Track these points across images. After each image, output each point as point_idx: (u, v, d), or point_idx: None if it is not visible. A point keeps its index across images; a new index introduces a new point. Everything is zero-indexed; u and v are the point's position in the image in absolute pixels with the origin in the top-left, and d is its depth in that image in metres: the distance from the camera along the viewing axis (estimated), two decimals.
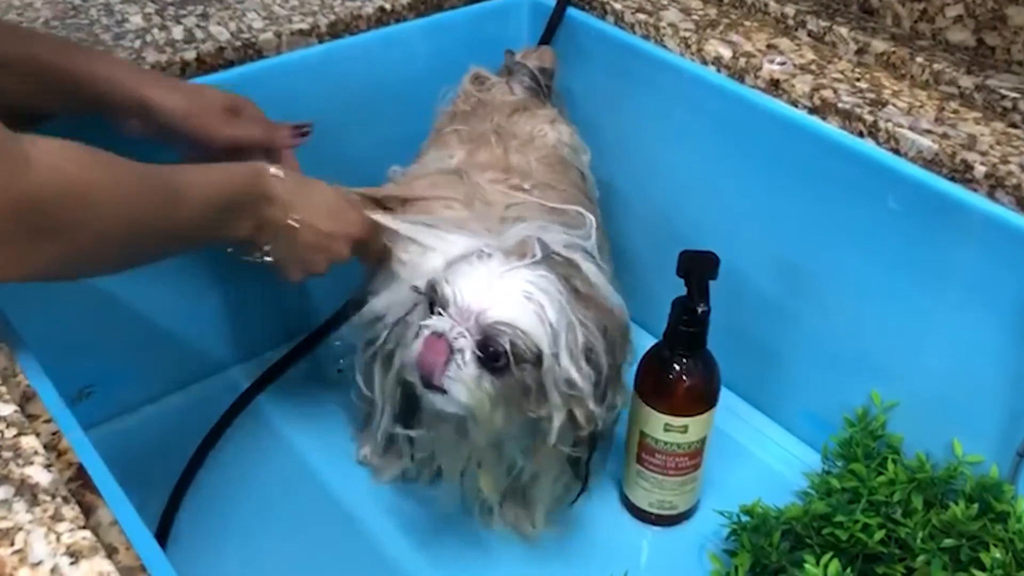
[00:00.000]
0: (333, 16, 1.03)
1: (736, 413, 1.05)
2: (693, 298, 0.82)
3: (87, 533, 0.48)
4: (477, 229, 0.83)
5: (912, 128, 0.86)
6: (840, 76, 0.94)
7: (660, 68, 1.02)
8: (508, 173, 0.91)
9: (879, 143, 0.87)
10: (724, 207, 1.01)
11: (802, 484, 0.93)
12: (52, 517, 0.49)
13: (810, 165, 0.92)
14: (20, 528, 0.48)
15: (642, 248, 1.10)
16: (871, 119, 0.87)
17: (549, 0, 1.12)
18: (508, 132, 0.97)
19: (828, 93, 0.90)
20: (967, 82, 0.89)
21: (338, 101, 1.03)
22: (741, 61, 0.96)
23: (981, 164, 0.81)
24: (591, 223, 0.86)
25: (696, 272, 0.82)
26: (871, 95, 0.90)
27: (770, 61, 0.95)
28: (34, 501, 0.50)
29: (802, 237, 0.95)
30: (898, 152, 0.86)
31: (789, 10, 1.01)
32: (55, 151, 0.60)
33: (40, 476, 0.51)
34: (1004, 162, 0.81)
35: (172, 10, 1.03)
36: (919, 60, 0.92)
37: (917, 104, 0.89)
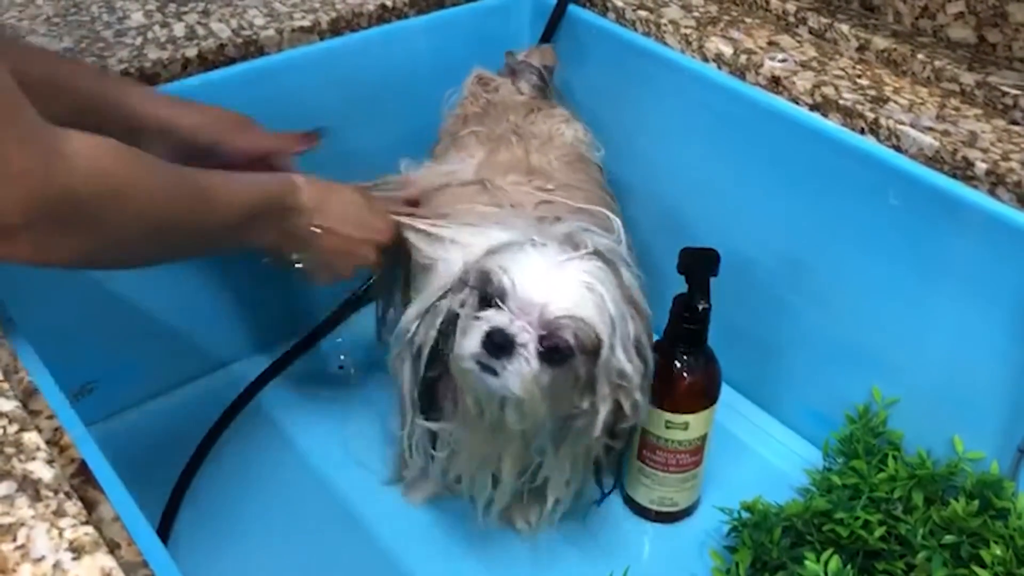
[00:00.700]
0: (335, 13, 1.03)
1: (737, 410, 1.05)
2: (694, 295, 0.82)
3: (89, 529, 0.48)
4: (517, 224, 0.82)
5: (913, 125, 0.86)
6: (841, 73, 0.94)
7: (661, 65, 1.02)
8: (531, 175, 0.91)
9: (880, 140, 0.87)
10: (725, 204, 1.01)
11: (803, 481, 0.94)
12: (54, 513, 0.49)
13: (811, 162, 0.92)
14: (22, 524, 0.48)
15: (642, 244, 1.10)
16: (872, 116, 0.87)
17: None
18: (527, 132, 0.96)
19: (829, 90, 0.90)
20: (968, 79, 0.89)
21: (339, 98, 1.03)
22: (742, 58, 0.96)
23: (982, 161, 0.81)
24: (619, 227, 0.86)
25: (697, 269, 0.82)
26: (872, 92, 0.90)
27: (771, 59, 0.95)
28: (36, 497, 0.50)
29: (803, 234, 0.95)
30: (899, 149, 0.86)
31: (790, 7, 1.01)
32: (91, 145, 0.60)
33: (42, 472, 0.51)
34: (1005, 159, 0.81)
35: (173, 7, 1.03)
36: (920, 57, 0.92)
37: (918, 101, 0.89)
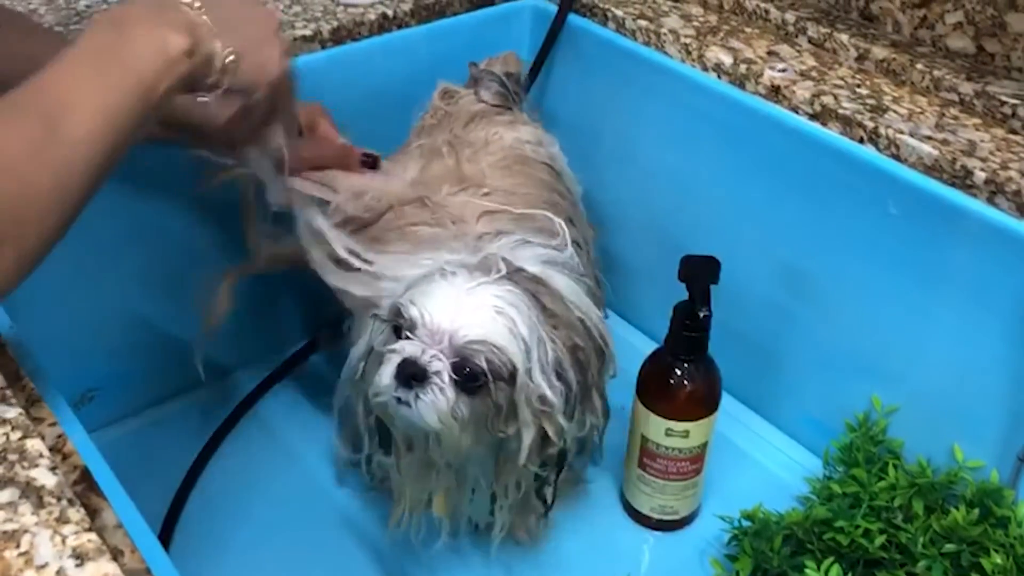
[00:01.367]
0: (336, 22, 1.03)
1: (737, 418, 1.06)
2: (695, 303, 0.83)
3: (92, 536, 0.48)
4: (455, 246, 0.82)
5: (912, 134, 0.86)
6: (841, 82, 0.94)
7: (661, 74, 1.02)
8: (463, 183, 0.90)
9: (879, 149, 0.87)
10: (725, 212, 1.01)
11: (803, 489, 0.94)
12: (57, 519, 0.49)
13: (811, 171, 0.92)
14: (26, 530, 0.48)
15: (643, 253, 1.11)
16: (872, 125, 0.87)
17: (551, 7, 1.12)
18: (463, 141, 0.95)
19: (829, 99, 0.91)
20: (967, 88, 0.90)
21: (341, 107, 1.03)
22: (742, 67, 0.96)
23: (981, 170, 0.81)
24: (564, 231, 0.84)
25: (697, 277, 0.82)
26: (871, 101, 0.91)
27: (771, 68, 0.95)
28: (39, 504, 0.50)
29: (803, 242, 0.95)
30: (898, 158, 0.86)
31: (790, 17, 1.01)
32: None
33: (45, 479, 0.51)
34: (1004, 168, 0.81)
35: None
36: (919, 66, 0.93)
37: (917, 110, 0.90)
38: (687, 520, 0.95)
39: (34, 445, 0.53)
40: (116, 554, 0.50)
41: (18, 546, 0.48)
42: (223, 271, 0.90)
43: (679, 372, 0.87)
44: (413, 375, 0.72)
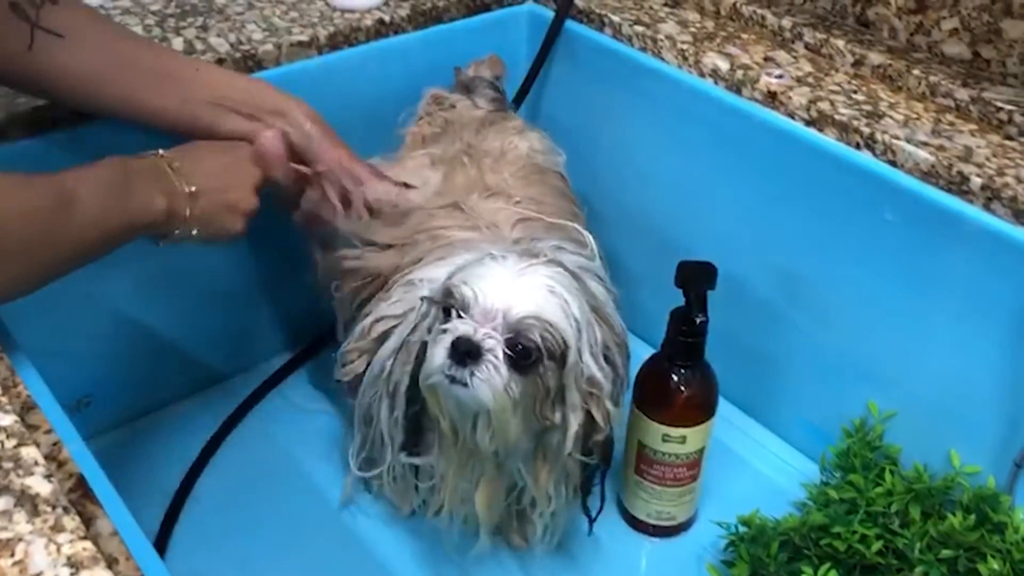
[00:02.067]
0: (332, 28, 1.03)
1: (734, 424, 1.06)
2: (691, 308, 0.83)
3: (87, 544, 0.48)
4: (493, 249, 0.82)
5: (909, 140, 0.86)
6: (837, 88, 0.94)
7: (658, 80, 1.02)
8: (489, 192, 0.91)
9: (876, 155, 0.87)
10: (722, 218, 1.02)
11: (800, 495, 0.94)
12: (52, 528, 0.49)
13: (807, 177, 0.93)
14: (20, 539, 0.48)
15: (640, 259, 1.11)
16: (868, 131, 0.88)
17: (548, 12, 1.12)
18: (480, 151, 0.96)
19: (825, 105, 0.91)
20: (963, 94, 0.90)
21: (337, 113, 1.03)
22: (738, 73, 0.96)
23: (977, 176, 0.81)
24: (592, 243, 0.86)
25: (694, 282, 0.83)
26: (868, 107, 0.91)
27: (768, 74, 0.95)
28: (34, 512, 0.50)
29: (799, 248, 0.96)
30: (895, 164, 0.86)
31: (786, 23, 1.02)
32: None
33: (40, 487, 0.51)
34: (1000, 174, 0.82)
35: (172, 22, 1.03)
36: (915, 72, 0.93)
37: (914, 116, 0.90)
38: (684, 526, 0.95)
39: (29, 453, 0.53)
40: (111, 562, 0.50)
41: (12, 555, 0.47)
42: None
43: (676, 378, 0.87)
44: (468, 352, 0.71)
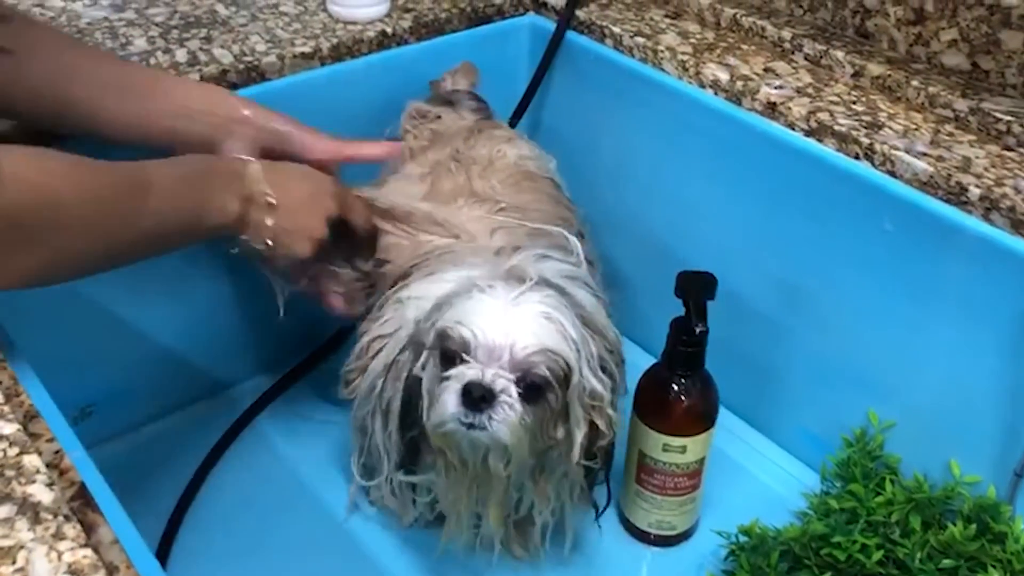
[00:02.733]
0: (335, 39, 1.04)
1: (734, 433, 1.06)
2: (691, 318, 0.83)
3: (88, 552, 0.49)
4: (476, 262, 0.83)
5: (908, 150, 0.86)
6: (836, 99, 0.94)
7: (658, 91, 1.03)
8: (474, 198, 0.91)
9: (875, 165, 0.88)
10: (722, 228, 1.02)
11: (800, 504, 0.94)
12: (54, 535, 0.49)
13: (806, 187, 0.93)
14: (22, 546, 0.49)
15: (640, 269, 1.11)
16: (867, 141, 0.88)
17: (549, 24, 1.13)
18: (468, 158, 0.96)
19: (824, 116, 0.91)
20: (962, 105, 0.90)
21: (340, 124, 1.03)
22: (738, 84, 0.97)
23: (976, 186, 0.82)
24: (578, 248, 0.86)
25: (694, 292, 0.83)
26: (867, 118, 0.91)
27: (768, 85, 0.96)
28: (36, 519, 0.50)
29: (799, 258, 0.96)
30: (894, 174, 0.86)
31: (786, 34, 1.02)
32: (20, 162, 0.61)
33: (42, 495, 0.51)
34: (999, 184, 0.82)
35: (176, 33, 1.04)
36: (914, 83, 0.93)
37: (913, 127, 0.90)
38: (685, 535, 0.95)
39: (31, 461, 0.54)
40: (112, 570, 0.50)
41: (14, 562, 0.48)
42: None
43: (676, 387, 0.87)
44: (482, 397, 0.71)
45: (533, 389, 0.72)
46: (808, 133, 0.92)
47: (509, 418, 0.71)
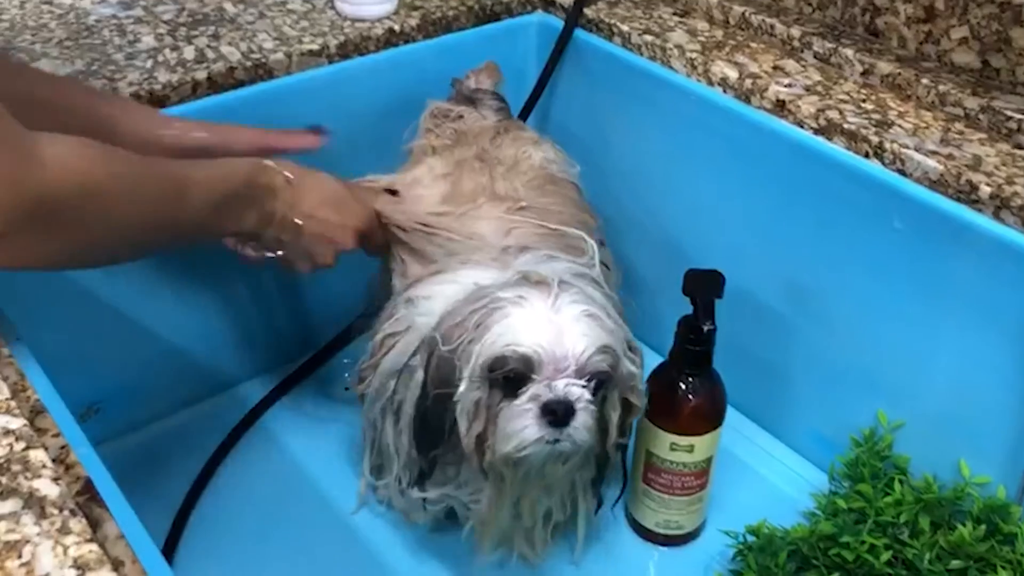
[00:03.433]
0: (343, 37, 1.04)
1: (742, 433, 1.05)
2: (699, 317, 0.82)
3: (94, 546, 0.49)
4: (480, 259, 0.83)
5: (918, 149, 0.86)
6: (846, 97, 0.94)
7: (666, 89, 1.03)
8: (496, 199, 0.91)
9: (885, 164, 0.87)
10: (730, 227, 1.01)
11: (808, 504, 0.93)
12: (59, 530, 0.49)
13: (816, 186, 0.92)
14: (28, 541, 0.48)
15: (648, 267, 1.11)
16: (877, 140, 0.87)
17: (557, 22, 1.13)
18: (493, 157, 0.96)
19: (834, 114, 0.91)
20: (972, 103, 0.90)
21: (348, 122, 1.04)
22: (747, 82, 0.96)
23: (986, 185, 0.81)
24: (593, 249, 0.86)
25: (702, 291, 0.82)
26: (877, 116, 0.91)
27: (777, 83, 0.95)
28: (42, 514, 0.50)
29: (808, 257, 0.95)
30: (904, 173, 0.86)
31: (795, 32, 1.02)
32: (66, 148, 0.62)
33: (48, 489, 0.51)
34: (1009, 183, 0.81)
35: (184, 31, 1.04)
36: (924, 81, 0.93)
37: (923, 125, 0.90)
38: (692, 535, 0.94)
39: (37, 456, 0.54)
40: (117, 565, 0.50)
41: (20, 556, 0.48)
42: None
43: (684, 386, 0.86)
44: (566, 413, 0.72)
45: (598, 386, 0.74)
46: (817, 131, 0.92)
47: (587, 421, 0.73)
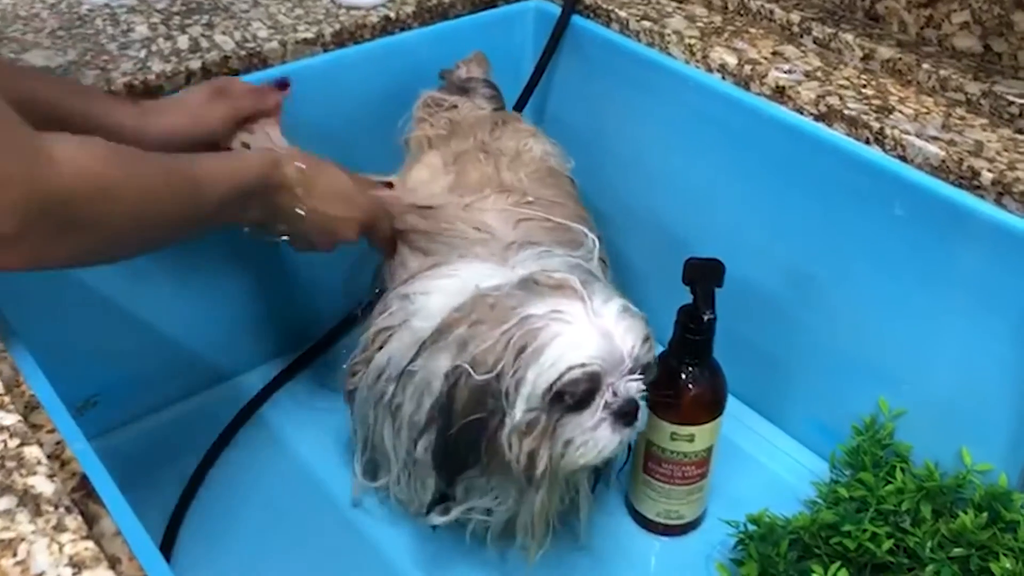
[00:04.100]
0: (338, 25, 1.03)
1: (743, 422, 1.05)
2: (699, 306, 0.82)
3: (90, 544, 0.48)
4: (481, 254, 0.83)
5: (919, 135, 0.85)
6: (846, 83, 0.93)
7: (665, 76, 1.02)
8: (502, 190, 0.91)
9: (886, 150, 0.87)
10: (730, 214, 1.01)
11: (809, 493, 0.93)
12: (55, 527, 0.49)
13: (816, 172, 0.92)
14: (23, 539, 0.48)
15: (647, 256, 1.10)
16: (877, 126, 0.87)
17: (554, 8, 1.12)
18: (495, 149, 0.96)
19: (834, 100, 0.90)
20: (974, 88, 0.89)
21: (343, 110, 1.03)
22: (746, 68, 0.96)
23: (988, 171, 0.81)
24: (594, 243, 0.86)
25: (702, 280, 0.82)
26: (877, 102, 0.90)
27: (777, 69, 0.95)
28: (37, 511, 0.49)
29: (808, 244, 0.95)
30: (905, 159, 0.85)
31: (795, 17, 1.01)
32: (78, 148, 0.62)
33: (43, 486, 0.51)
34: (1011, 168, 0.81)
35: (177, 20, 1.03)
36: (925, 66, 0.92)
37: (923, 111, 0.89)
38: (693, 525, 0.94)
39: (32, 452, 0.53)
40: (114, 562, 0.50)
41: (15, 554, 0.47)
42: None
43: (684, 376, 0.86)
44: (636, 411, 0.76)
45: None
46: (817, 118, 0.91)
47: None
